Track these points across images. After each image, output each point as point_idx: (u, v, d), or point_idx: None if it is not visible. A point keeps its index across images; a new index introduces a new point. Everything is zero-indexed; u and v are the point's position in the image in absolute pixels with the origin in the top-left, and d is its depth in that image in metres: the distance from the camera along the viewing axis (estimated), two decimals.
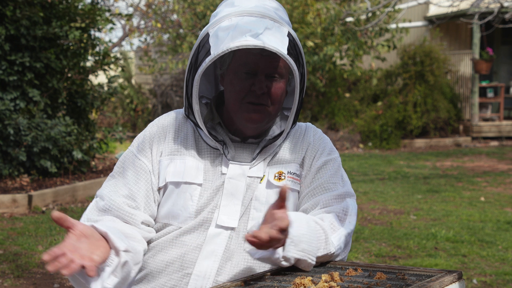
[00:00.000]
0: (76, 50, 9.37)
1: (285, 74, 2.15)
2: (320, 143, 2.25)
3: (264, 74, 2.11)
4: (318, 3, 14.82)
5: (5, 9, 8.41)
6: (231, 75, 2.14)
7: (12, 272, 5.32)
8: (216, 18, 2.13)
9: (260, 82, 2.10)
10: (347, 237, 2.11)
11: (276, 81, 2.13)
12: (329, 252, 2.03)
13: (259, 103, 2.12)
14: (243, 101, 2.13)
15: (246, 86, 2.12)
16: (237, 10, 2.11)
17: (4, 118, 8.21)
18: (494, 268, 5.54)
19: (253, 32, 2.03)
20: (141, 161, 2.18)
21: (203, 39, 2.11)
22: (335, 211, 2.12)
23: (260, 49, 2.08)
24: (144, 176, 2.17)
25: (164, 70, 16.91)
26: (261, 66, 2.10)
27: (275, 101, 2.14)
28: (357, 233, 6.69)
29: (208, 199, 2.14)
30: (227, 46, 2.01)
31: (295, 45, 2.12)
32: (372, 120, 15.06)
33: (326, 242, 2.02)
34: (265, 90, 2.11)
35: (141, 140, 2.22)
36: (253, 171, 2.17)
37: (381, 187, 9.63)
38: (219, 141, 2.17)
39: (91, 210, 2.15)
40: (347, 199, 2.16)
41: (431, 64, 15.14)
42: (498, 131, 15.58)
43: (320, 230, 2.02)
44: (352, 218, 2.14)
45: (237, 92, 2.13)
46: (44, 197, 7.79)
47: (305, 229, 1.96)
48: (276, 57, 2.11)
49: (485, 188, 9.54)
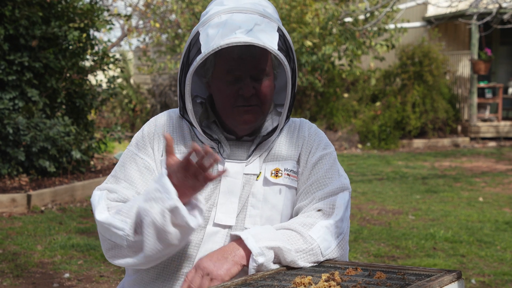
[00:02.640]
0: (75, 50, 9.37)
1: (270, 71, 2.15)
2: (315, 138, 2.25)
3: (249, 77, 2.11)
4: (316, 3, 14.82)
5: (4, 9, 8.41)
6: (217, 82, 2.14)
7: (11, 272, 5.32)
8: (206, 16, 2.13)
9: (246, 86, 2.10)
10: (332, 227, 2.08)
11: (262, 80, 2.12)
12: (312, 246, 2.02)
13: (249, 104, 2.12)
14: (233, 106, 2.13)
15: (233, 91, 2.12)
16: (226, 8, 2.11)
17: (3, 117, 8.21)
18: (493, 268, 5.55)
19: (242, 28, 2.04)
20: (143, 159, 2.18)
21: (193, 37, 2.11)
22: (321, 207, 2.11)
23: (240, 52, 2.08)
24: (149, 175, 2.16)
25: (162, 70, 16.91)
26: (245, 69, 2.10)
27: (264, 100, 2.14)
28: (356, 233, 6.70)
29: (205, 198, 2.14)
30: (217, 44, 2.01)
31: (285, 40, 2.12)
32: (370, 121, 15.07)
33: (303, 237, 2.02)
34: (253, 92, 2.11)
35: (140, 139, 2.22)
36: (249, 168, 2.17)
37: (380, 187, 9.64)
38: (214, 139, 2.18)
39: (104, 200, 2.11)
40: (339, 193, 2.15)
41: (430, 64, 15.15)
42: (496, 131, 15.60)
43: (286, 230, 2.04)
44: (339, 210, 2.11)
45: (225, 99, 2.13)
46: (43, 197, 7.79)
47: (260, 229, 2.00)
48: (258, 57, 2.10)
49: (484, 188, 9.55)
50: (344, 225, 2.12)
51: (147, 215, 1.94)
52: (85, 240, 6.28)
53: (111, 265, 5.53)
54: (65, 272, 5.35)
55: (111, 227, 2.01)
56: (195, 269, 1.95)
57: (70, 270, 5.40)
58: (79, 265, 5.52)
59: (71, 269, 5.41)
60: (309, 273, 1.92)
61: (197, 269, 1.94)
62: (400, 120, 14.99)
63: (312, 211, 2.11)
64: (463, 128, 15.85)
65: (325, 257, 2.05)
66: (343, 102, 15.72)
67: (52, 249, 5.97)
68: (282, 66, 2.19)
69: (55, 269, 5.41)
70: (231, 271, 1.94)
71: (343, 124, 15.40)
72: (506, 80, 17.02)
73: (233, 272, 1.94)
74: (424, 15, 16.96)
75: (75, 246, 6.05)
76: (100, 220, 2.05)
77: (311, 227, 2.05)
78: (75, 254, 5.83)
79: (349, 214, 2.17)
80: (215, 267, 1.93)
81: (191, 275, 1.94)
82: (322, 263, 2.04)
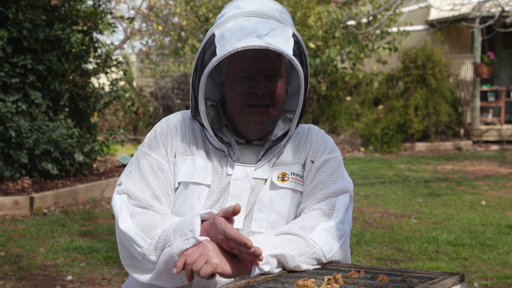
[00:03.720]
0: (78, 53, 9.38)
1: (283, 74, 2.16)
2: (321, 143, 2.26)
3: (262, 75, 2.12)
4: (319, 6, 14.83)
5: (7, 11, 8.42)
6: (230, 81, 2.15)
7: (14, 274, 5.33)
8: (222, 19, 2.14)
9: (259, 84, 2.12)
10: (333, 229, 2.08)
11: (275, 80, 2.14)
12: (314, 249, 2.02)
13: (261, 104, 2.13)
14: (244, 104, 2.14)
15: (246, 89, 2.13)
16: (243, 11, 2.13)
17: (6, 120, 8.22)
18: (495, 271, 5.55)
19: (258, 32, 2.05)
20: (157, 160, 2.18)
21: (208, 40, 2.12)
22: (321, 208, 2.12)
23: (255, 51, 2.09)
24: (163, 176, 2.17)
25: (165, 73, 16.92)
26: (259, 67, 2.11)
27: (276, 101, 2.15)
28: (358, 236, 6.70)
29: (215, 200, 2.15)
30: (233, 47, 2.03)
31: (300, 46, 2.13)
32: (373, 124, 15.07)
33: (305, 241, 2.02)
34: (265, 90, 2.12)
35: (153, 139, 2.23)
36: (258, 172, 2.19)
37: (382, 190, 9.64)
38: (224, 142, 2.19)
39: (125, 206, 2.12)
40: (340, 195, 2.16)
41: (433, 67, 15.15)
42: (499, 135, 15.59)
43: (287, 235, 2.04)
44: (339, 211, 2.11)
45: (238, 96, 2.14)
46: (45, 199, 7.80)
47: (261, 238, 2.01)
48: (273, 57, 2.12)
49: (486, 192, 9.55)
50: (345, 227, 2.13)
51: (170, 246, 1.97)
52: (88, 242, 6.29)
53: (113, 268, 5.54)
54: (67, 274, 5.35)
55: (131, 241, 2.06)
56: (197, 246, 1.95)
57: (73, 272, 5.40)
58: (81, 268, 5.53)
59: (74, 272, 5.41)
60: (312, 276, 1.92)
61: (199, 246, 1.95)
62: (402, 123, 14.99)
63: (312, 211, 2.12)
64: (465, 132, 15.84)
65: (328, 260, 2.05)
66: (345, 105, 15.72)
67: (55, 251, 5.97)
68: (295, 71, 2.20)
69: (58, 272, 5.42)
70: (226, 268, 1.93)
71: (345, 127, 15.40)
72: (509, 83, 17.01)
73: (226, 270, 1.93)
74: (426, 19, 16.96)
75: (77, 248, 6.06)
76: (123, 229, 2.08)
77: (312, 230, 2.06)
78: (77, 257, 5.84)
79: (350, 217, 2.17)
80: (214, 255, 1.94)
81: (191, 249, 1.95)
82: (325, 266, 2.05)
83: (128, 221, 2.08)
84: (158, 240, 2.02)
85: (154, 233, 2.03)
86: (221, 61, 2.17)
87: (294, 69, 2.22)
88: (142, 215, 2.09)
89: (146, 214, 2.10)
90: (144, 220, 2.07)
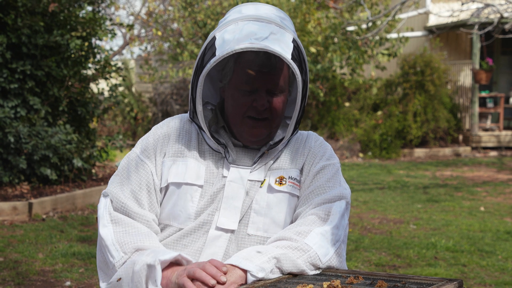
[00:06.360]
0: (77, 59, 9.39)
1: (285, 88, 2.19)
2: (319, 149, 2.28)
3: (265, 90, 2.15)
4: (318, 12, 14.86)
5: (6, 17, 8.43)
6: (233, 89, 2.17)
7: (13, 280, 5.32)
8: (223, 22, 2.18)
9: (261, 98, 2.14)
10: (327, 234, 2.08)
11: (277, 95, 2.16)
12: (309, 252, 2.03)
13: (260, 117, 2.16)
14: (245, 115, 2.17)
15: (247, 101, 2.16)
16: (245, 15, 2.16)
17: (5, 126, 8.22)
18: (494, 277, 5.55)
19: (258, 35, 2.08)
20: (144, 162, 2.21)
21: (209, 42, 2.15)
22: (317, 213, 2.13)
23: (260, 64, 2.11)
24: (146, 178, 2.20)
25: (164, 79, 16.93)
26: (262, 82, 2.14)
27: (276, 115, 2.18)
28: (357, 242, 6.69)
29: (209, 201, 2.16)
30: (232, 48, 2.05)
31: (300, 52, 2.15)
32: (371, 130, 15.07)
33: (299, 246, 2.03)
34: (267, 105, 2.15)
35: (146, 142, 2.26)
36: (253, 175, 2.20)
37: (381, 196, 9.64)
38: (221, 144, 2.20)
39: (107, 211, 2.18)
40: (336, 201, 2.17)
41: (431, 73, 15.16)
42: (497, 141, 15.60)
43: (282, 241, 2.06)
44: (334, 217, 2.12)
45: (239, 107, 2.17)
46: (44, 205, 7.79)
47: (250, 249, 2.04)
48: (277, 73, 2.14)
49: (485, 198, 9.55)
50: (340, 233, 2.13)
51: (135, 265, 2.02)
52: (86, 248, 6.28)
53: None
54: (66, 280, 5.35)
55: (107, 249, 2.11)
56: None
57: (71, 278, 5.39)
58: (80, 273, 5.52)
59: (72, 277, 5.40)
60: (310, 282, 1.93)
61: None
62: (401, 129, 14.99)
63: (308, 217, 2.13)
64: (464, 138, 15.85)
65: (325, 264, 2.06)
66: (344, 111, 15.73)
67: (53, 257, 5.96)
68: (295, 78, 2.22)
69: (56, 277, 5.41)
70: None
71: (344, 133, 15.41)
72: (508, 89, 17.03)
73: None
74: (425, 25, 16.99)
75: (76, 254, 6.05)
76: (101, 235, 2.14)
77: (307, 235, 2.07)
78: (76, 262, 5.83)
79: (346, 223, 2.17)
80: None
81: None
82: (323, 272, 2.05)
83: (109, 227, 2.14)
84: (130, 257, 2.08)
85: (129, 249, 2.08)
86: (225, 66, 2.19)
87: (294, 79, 2.24)
88: (125, 226, 2.13)
89: (129, 226, 2.13)
90: (125, 235, 2.12)
